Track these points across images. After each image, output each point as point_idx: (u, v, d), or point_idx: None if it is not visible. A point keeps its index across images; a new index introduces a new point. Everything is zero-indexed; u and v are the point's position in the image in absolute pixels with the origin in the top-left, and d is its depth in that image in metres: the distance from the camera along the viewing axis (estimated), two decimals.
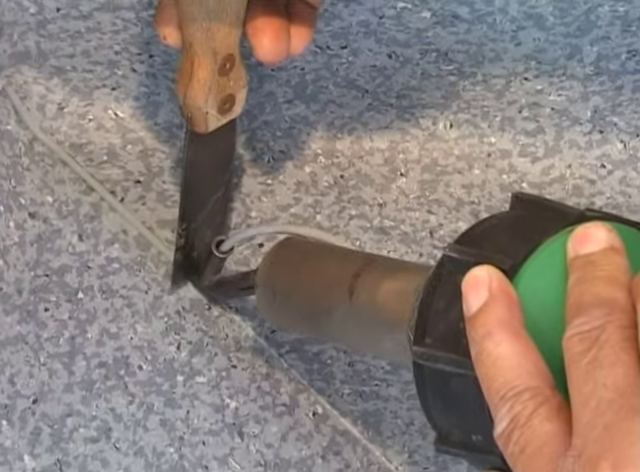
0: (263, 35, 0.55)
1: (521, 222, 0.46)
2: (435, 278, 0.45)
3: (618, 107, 0.69)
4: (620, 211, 0.71)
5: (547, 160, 0.71)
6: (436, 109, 0.69)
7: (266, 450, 0.62)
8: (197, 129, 0.58)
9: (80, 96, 0.67)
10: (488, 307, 0.41)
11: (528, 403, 0.39)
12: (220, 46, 0.55)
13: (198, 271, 0.64)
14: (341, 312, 0.52)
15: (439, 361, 0.43)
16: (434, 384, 0.44)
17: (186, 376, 0.63)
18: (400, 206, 0.70)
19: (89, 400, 0.62)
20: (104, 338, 0.63)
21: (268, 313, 0.58)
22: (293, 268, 0.57)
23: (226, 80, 0.57)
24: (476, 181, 0.70)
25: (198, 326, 0.64)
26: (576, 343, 0.39)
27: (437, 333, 0.44)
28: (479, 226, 0.46)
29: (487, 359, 0.41)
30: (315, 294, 0.54)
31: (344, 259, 0.54)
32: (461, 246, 0.44)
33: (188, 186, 0.62)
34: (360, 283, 0.51)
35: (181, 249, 0.63)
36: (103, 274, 0.63)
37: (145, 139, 0.68)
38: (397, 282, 0.49)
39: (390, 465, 0.64)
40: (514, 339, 0.41)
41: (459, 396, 0.43)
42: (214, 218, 0.64)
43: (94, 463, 0.61)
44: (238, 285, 0.62)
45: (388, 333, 0.49)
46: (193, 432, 0.62)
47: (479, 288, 0.42)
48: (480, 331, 0.41)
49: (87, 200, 0.65)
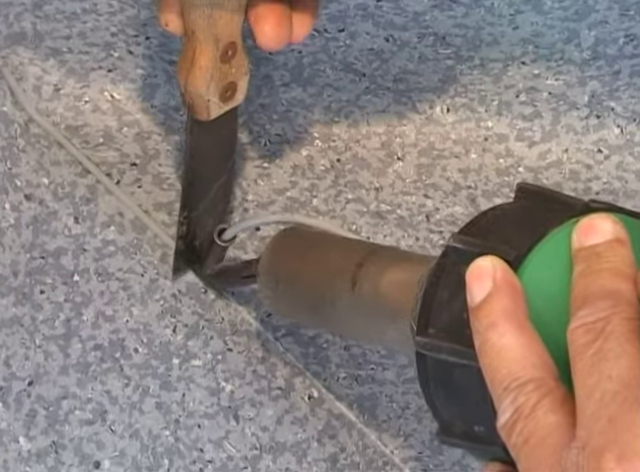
0: (265, 22, 0.55)
1: (525, 213, 0.45)
2: (439, 268, 0.44)
3: (615, 92, 0.69)
4: (617, 196, 0.70)
5: (544, 144, 0.71)
6: (433, 93, 0.69)
7: (261, 433, 0.62)
8: (199, 117, 0.58)
9: (76, 78, 0.67)
10: (492, 298, 0.41)
11: (532, 394, 0.39)
12: (222, 33, 0.55)
13: (200, 259, 0.64)
14: (344, 302, 0.51)
15: (442, 351, 0.43)
16: (437, 374, 0.44)
17: (182, 359, 0.63)
18: (396, 190, 0.69)
19: (85, 382, 0.61)
20: (100, 321, 0.62)
21: (270, 302, 0.58)
22: (296, 257, 0.57)
23: (228, 67, 0.56)
24: (473, 165, 0.70)
25: (194, 309, 0.63)
26: (581, 334, 0.39)
27: (440, 323, 0.44)
28: (483, 217, 0.46)
29: (491, 350, 0.41)
30: (318, 283, 0.54)
31: (347, 249, 0.54)
32: (465, 236, 0.44)
33: (190, 174, 0.61)
34: (363, 273, 0.51)
35: (183, 237, 0.63)
36: (99, 257, 0.63)
37: (141, 121, 0.68)
38: (400, 272, 0.49)
39: (385, 449, 0.64)
40: (518, 330, 0.41)
41: (462, 387, 0.43)
42: (216, 206, 0.64)
43: (89, 445, 0.61)
44: (240, 273, 0.61)
45: (391, 323, 0.48)
46: (189, 415, 0.62)
47: (483, 279, 0.42)
48: (484, 322, 0.41)
49: (83, 182, 0.65)
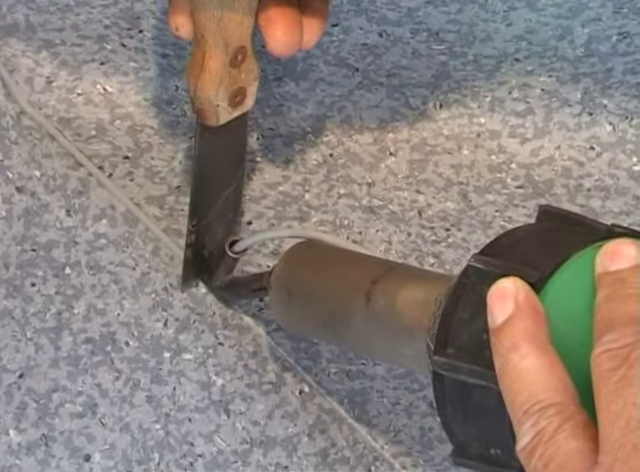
0: (276, 27, 0.54)
1: (548, 235, 0.45)
2: (459, 288, 0.44)
3: (608, 89, 0.69)
4: (608, 193, 0.71)
5: (536, 141, 0.71)
6: (426, 89, 0.69)
7: (252, 427, 0.62)
8: (208, 122, 0.57)
9: (69, 70, 0.67)
10: (514, 319, 0.41)
11: (553, 419, 0.39)
12: (232, 37, 0.55)
13: (209, 270, 0.63)
14: (358, 318, 0.51)
15: (461, 372, 0.43)
16: (454, 395, 0.43)
17: (173, 353, 0.63)
18: (389, 185, 0.69)
19: (75, 375, 0.61)
20: (91, 314, 0.62)
21: (281, 315, 0.58)
22: (310, 271, 0.56)
23: (237, 72, 0.56)
24: (465, 161, 0.70)
25: (185, 303, 0.63)
26: (605, 360, 0.39)
27: (460, 343, 0.43)
28: (505, 237, 0.46)
29: (512, 372, 0.40)
30: (331, 299, 0.53)
31: (362, 265, 0.54)
32: (487, 257, 0.44)
33: (198, 181, 0.61)
34: (378, 290, 0.50)
35: (191, 246, 0.62)
36: (90, 250, 0.63)
37: (134, 115, 0.68)
38: (416, 290, 0.49)
39: (376, 444, 0.64)
40: (540, 353, 0.40)
41: (480, 408, 0.43)
42: (225, 215, 0.63)
43: (80, 438, 0.61)
44: (250, 286, 0.61)
45: (406, 341, 0.48)
46: (179, 409, 0.62)
47: (505, 300, 0.41)
48: (505, 343, 0.41)
49: (75, 175, 0.64)
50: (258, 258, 0.65)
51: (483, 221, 0.69)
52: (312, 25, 0.55)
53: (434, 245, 0.68)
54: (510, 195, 0.70)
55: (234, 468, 0.61)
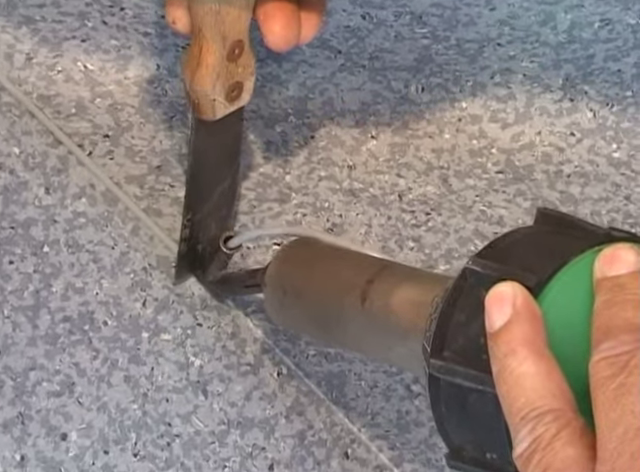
0: (274, 21, 0.54)
1: (546, 239, 0.45)
2: (456, 290, 0.44)
3: (589, 76, 0.70)
4: (588, 180, 0.71)
5: (517, 126, 0.71)
6: (408, 72, 0.69)
7: (230, 409, 0.62)
8: (204, 116, 0.57)
9: (49, 47, 0.66)
10: (512, 324, 0.41)
11: (550, 425, 0.39)
12: (229, 31, 0.54)
13: (202, 265, 0.63)
14: (352, 318, 0.51)
15: (457, 375, 0.42)
16: (450, 398, 0.43)
17: (151, 333, 0.62)
18: (370, 169, 0.69)
19: (53, 354, 0.61)
20: (69, 292, 0.62)
21: (275, 313, 0.57)
22: (305, 269, 0.56)
23: (234, 66, 0.56)
24: (446, 146, 0.70)
25: (164, 283, 0.63)
26: (603, 367, 0.39)
27: (456, 347, 0.43)
28: (503, 240, 0.45)
29: (509, 377, 0.40)
30: (326, 298, 0.53)
31: (358, 264, 0.53)
32: (484, 260, 0.43)
33: (193, 175, 0.60)
34: (374, 290, 0.50)
35: (186, 241, 0.62)
36: (69, 228, 0.63)
37: (114, 93, 0.67)
38: (412, 291, 0.48)
39: (353, 427, 0.64)
40: (538, 358, 0.40)
41: (476, 412, 0.42)
42: (219, 210, 0.63)
43: (56, 417, 0.60)
44: (244, 282, 0.61)
45: (401, 341, 0.48)
46: (157, 389, 0.62)
47: (503, 304, 0.41)
48: (503, 348, 0.40)
49: (54, 153, 0.64)
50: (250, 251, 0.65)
51: (463, 206, 0.69)
52: (310, 19, 0.55)
53: (414, 229, 0.68)
54: (490, 180, 0.70)
55: (211, 449, 0.61)
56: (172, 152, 0.67)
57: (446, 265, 0.67)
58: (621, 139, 0.72)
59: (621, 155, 0.72)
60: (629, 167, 0.72)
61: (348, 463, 0.63)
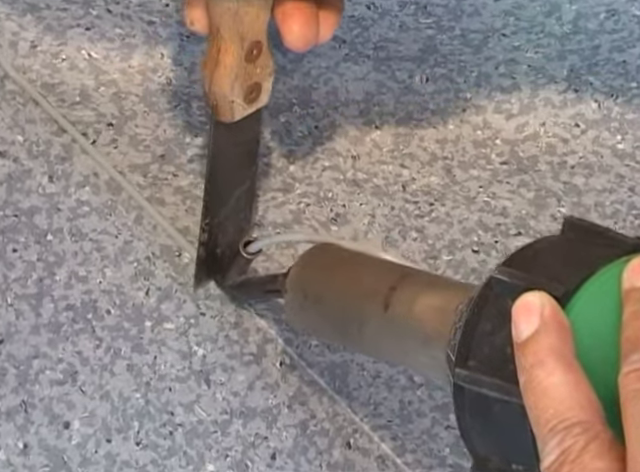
0: (293, 21, 0.54)
1: (573, 248, 0.44)
2: (481, 299, 0.43)
3: (594, 66, 0.69)
4: (592, 171, 0.71)
5: (522, 117, 0.71)
6: (413, 62, 0.69)
7: (232, 398, 0.62)
8: (222, 118, 0.57)
9: (53, 35, 0.66)
10: (539, 335, 0.40)
11: (579, 438, 0.38)
12: (248, 31, 0.54)
13: (221, 269, 0.62)
14: (375, 324, 0.51)
15: (483, 385, 0.42)
16: (475, 408, 0.43)
17: (154, 322, 0.62)
18: (373, 159, 0.69)
19: (56, 342, 0.61)
20: (72, 281, 0.62)
21: (296, 318, 0.57)
22: (327, 275, 0.56)
23: (253, 67, 0.55)
24: (450, 136, 0.70)
25: (167, 272, 0.63)
26: (633, 380, 0.38)
27: (482, 356, 0.43)
28: (529, 249, 0.45)
29: (537, 388, 0.40)
30: (348, 304, 0.53)
31: (380, 270, 0.53)
32: (511, 269, 0.43)
33: (212, 178, 0.60)
34: (396, 297, 0.50)
35: (204, 245, 0.62)
36: (73, 217, 0.63)
37: (119, 82, 0.67)
38: (435, 298, 0.48)
39: (355, 417, 0.64)
40: (566, 369, 0.40)
41: (502, 422, 0.42)
42: (238, 213, 0.62)
43: (59, 405, 0.61)
44: (264, 287, 0.61)
45: (423, 349, 0.48)
46: (160, 378, 0.62)
47: (531, 314, 0.41)
48: (530, 359, 0.40)
49: (58, 141, 0.64)
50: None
51: (467, 196, 0.69)
52: (328, 19, 0.55)
53: (417, 219, 0.68)
54: (494, 171, 0.70)
55: (213, 438, 0.61)
56: (176, 141, 0.67)
57: (449, 256, 0.67)
58: (626, 130, 0.72)
59: (625, 146, 0.72)
60: (633, 158, 0.71)
61: (350, 453, 0.63)
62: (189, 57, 0.68)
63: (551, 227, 0.69)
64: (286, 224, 0.66)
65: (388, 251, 0.64)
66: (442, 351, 0.45)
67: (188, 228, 0.65)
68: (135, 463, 0.60)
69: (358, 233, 0.67)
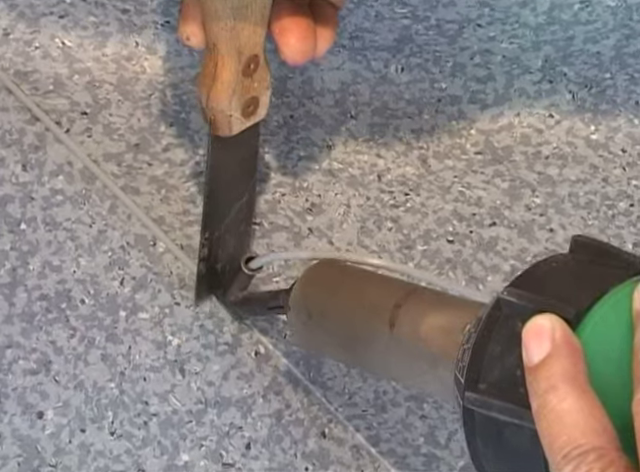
0: (291, 35, 0.54)
1: (583, 268, 0.44)
2: (490, 321, 0.43)
3: (569, 57, 0.70)
4: (566, 161, 0.71)
5: (496, 108, 0.71)
6: (388, 52, 0.69)
7: (207, 388, 0.62)
8: (221, 133, 0.56)
9: (26, 22, 0.66)
10: (551, 359, 0.40)
11: (594, 465, 0.38)
12: (245, 46, 0.54)
13: (222, 284, 0.62)
14: (381, 343, 0.50)
15: (493, 409, 0.42)
16: (486, 432, 0.42)
17: (129, 312, 0.62)
18: (349, 149, 0.69)
19: (29, 332, 0.61)
20: (46, 270, 0.62)
21: (299, 336, 0.57)
22: (330, 293, 0.55)
23: (250, 81, 0.55)
24: (425, 126, 0.70)
25: (142, 262, 0.63)
26: None
27: (492, 379, 0.42)
28: (537, 268, 0.44)
29: (550, 414, 0.39)
30: (353, 322, 0.52)
31: (385, 287, 0.53)
32: (519, 290, 0.42)
33: (211, 192, 0.60)
34: (402, 315, 0.49)
35: (204, 260, 0.61)
36: (47, 206, 0.62)
37: (92, 70, 0.67)
38: (442, 317, 0.48)
39: (330, 406, 0.64)
40: (579, 394, 0.39)
41: (513, 447, 0.42)
42: (238, 227, 0.62)
43: (33, 395, 0.60)
44: (267, 304, 0.60)
45: (430, 369, 0.47)
46: (134, 368, 0.61)
47: (542, 338, 0.40)
48: (543, 384, 0.40)
49: (32, 130, 0.63)
50: None
51: (442, 186, 0.69)
52: (324, 33, 0.55)
53: (392, 209, 0.68)
54: (469, 161, 0.70)
55: (188, 428, 0.61)
56: (150, 130, 0.67)
57: (424, 246, 0.67)
58: (599, 121, 0.72)
59: (599, 137, 0.72)
60: (607, 149, 0.72)
61: (325, 442, 0.63)
62: (164, 45, 0.68)
63: (525, 217, 0.69)
64: (261, 214, 0.66)
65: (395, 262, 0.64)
66: (450, 372, 0.45)
67: (163, 217, 0.64)
68: (109, 453, 0.60)
69: (333, 223, 0.67)
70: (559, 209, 0.69)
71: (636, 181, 0.71)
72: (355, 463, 0.63)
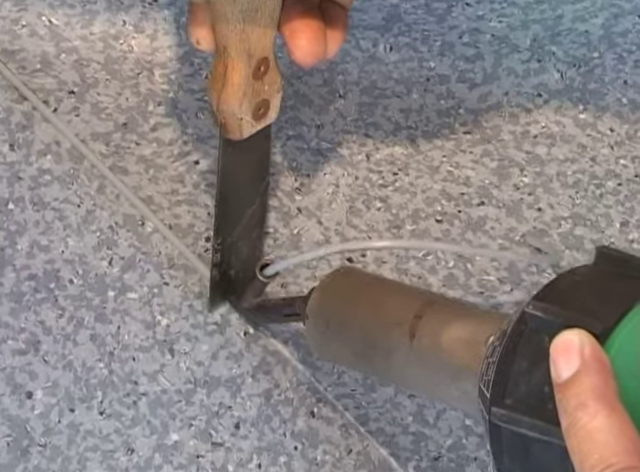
0: (301, 36, 0.53)
1: (608, 281, 0.44)
2: (515, 335, 0.43)
3: (557, 36, 0.70)
4: (554, 140, 0.71)
5: (485, 87, 0.71)
6: (377, 31, 0.68)
7: (196, 368, 0.62)
8: (231, 136, 0.56)
9: (13, 1, 0.65)
10: (581, 375, 0.39)
11: None
12: (255, 48, 0.53)
13: (236, 291, 0.62)
14: (400, 354, 0.50)
15: (521, 425, 0.41)
16: (513, 448, 0.42)
17: (117, 292, 0.62)
18: (337, 128, 0.69)
19: (18, 312, 0.61)
20: (34, 250, 0.61)
21: (318, 346, 0.56)
22: (348, 302, 0.54)
23: (260, 84, 0.55)
24: (414, 105, 0.70)
25: (131, 242, 0.63)
26: None
27: (519, 395, 0.42)
28: (562, 281, 0.44)
29: (580, 432, 0.39)
30: (372, 332, 0.52)
31: (404, 297, 0.52)
32: (544, 304, 0.42)
33: (223, 197, 0.59)
34: (422, 326, 0.49)
35: (217, 266, 0.61)
36: (34, 185, 0.62)
37: (80, 49, 0.66)
38: (464, 329, 0.48)
39: (319, 385, 0.64)
40: (610, 412, 0.39)
41: (541, 463, 0.41)
42: (250, 233, 0.61)
43: (22, 375, 0.60)
44: (282, 311, 0.60)
45: (452, 381, 0.47)
46: (123, 348, 0.61)
47: (571, 354, 0.40)
48: (573, 402, 0.39)
49: (19, 109, 0.63)
50: None
51: (430, 166, 0.69)
52: (334, 34, 0.55)
53: (381, 189, 0.68)
54: (458, 140, 0.70)
55: (177, 407, 0.61)
56: (138, 109, 0.66)
57: (413, 225, 0.67)
58: (587, 100, 0.72)
59: (587, 116, 0.72)
60: (595, 128, 0.72)
61: (314, 422, 0.63)
62: (151, 24, 0.67)
63: (513, 196, 0.69)
64: None
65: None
66: (473, 385, 0.44)
67: (151, 197, 0.64)
68: (99, 432, 0.60)
69: (322, 203, 0.67)
70: (547, 188, 0.69)
71: (624, 160, 0.71)
72: (344, 442, 0.63)
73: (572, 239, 0.68)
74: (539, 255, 0.66)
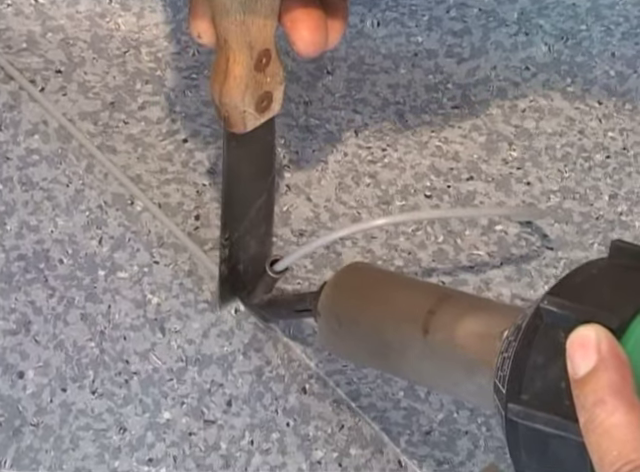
0: (302, 27, 0.53)
1: (624, 275, 0.43)
2: (530, 330, 0.42)
3: (544, 9, 0.69)
4: (542, 114, 0.71)
5: (473, 61, 0.71)
6: (364, 6, 0.68)
7: (187, 346, 0.62)
8: (235, 129, 0.55)
9: None
10: (598, 371, 0.39)
11: None
12: (256, 40, 0.53)
13: (245, 286, 0.61)
14: (414, 350, 0.50)
15: (537, 421, 0.41)
16: (529, 443, 0.42)
17: (107, 271, 0.62)
18: (325, 104, 0.69)
19: (8, 292, 0.61)
20: (23, 231, 0.61)
21: (331, 343, 0.56)
22: (360, 298, 0.54)
23: (263, 76, 0.54)
24: (402, 81, 0.70)
25: (120, 221, 0.63)
26: None
27: (535, 390, 0.42)
28: (577, 275, 0.44)
29: (598, 428, 0.39)
30: (385, 328, 0.52)
31: (417, 292, 0.52)
32: (559, 299, 0.42)
33: (229, 192, 0.59)
34: (435, 321, 0.49)
35: (226, 261, 0.61)
36: (23, 165, 0.62)
37: (66, 27, 0.66)
38: (478, 323, 0.47)
39: (310, 362, 0.64)
40: (628, 408, 0.39)
41: (558, 459, 0.41)
42: (258, 227, 0.61)
43: (13, 356, 0.60)
44: (293, 307, 0.59)
45: (467, 376, 0.47)
46: (114, 327, 0.61)
47: (587, 350, 0.40)
48: (590, 398, 0.39)
49: (6, 89, 0.63)
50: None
51: (419, 141, 0.69)
52: (335, 25, 0.54)
53: (370, 165, 0.68)
54: (446, 115, 0.70)
55: (169, 386, 0.61)
56: (126, 88, 0.66)
57: (402, 201, 0.67)
58: (575, 73, 0.72)
59: (575, 89, 0.72)
60: (583, 101, 0.72)
61: (306, 398, 0.63)
62: (137, 2, 0.67)
63: (502, 171, 0.69)
64: None
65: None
66: (488, 380, 0.44)
67: (140, 176, 0.64)
68: (91, 411, 0.60)
69: (311, 179, 0.67)
70: (536, 162, 0.69)
71: (612, 133, 0.71)
72: (336, 418, 0.63)
73: (561, 212, 0.68)
74: (531, 208, 0.67)
